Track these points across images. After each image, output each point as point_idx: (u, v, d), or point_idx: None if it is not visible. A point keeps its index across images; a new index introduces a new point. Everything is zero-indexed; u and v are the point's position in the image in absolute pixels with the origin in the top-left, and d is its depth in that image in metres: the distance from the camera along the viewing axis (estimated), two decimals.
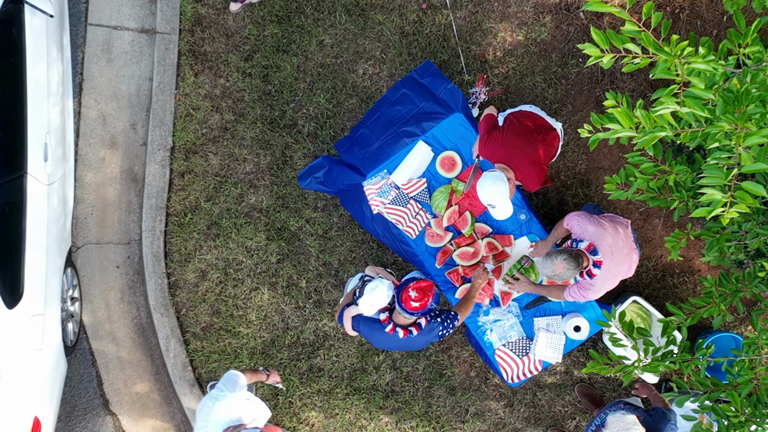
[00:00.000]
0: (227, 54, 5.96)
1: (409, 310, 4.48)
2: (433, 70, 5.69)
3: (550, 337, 5.47)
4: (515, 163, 4.89)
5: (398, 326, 4.66)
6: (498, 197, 4.78)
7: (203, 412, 4.48)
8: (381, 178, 5.51)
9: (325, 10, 5.93)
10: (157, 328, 6.03)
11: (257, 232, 6.00)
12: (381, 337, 4.77)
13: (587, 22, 5.88)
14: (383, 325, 4.70)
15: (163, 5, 5.97)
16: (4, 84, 5.29)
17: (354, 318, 4.88)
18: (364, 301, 4.62)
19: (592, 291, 4.87)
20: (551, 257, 4.64)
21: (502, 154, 4.91)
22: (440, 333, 4.73)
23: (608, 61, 3.15)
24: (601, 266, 4.75)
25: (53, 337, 5.62)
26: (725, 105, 3.06)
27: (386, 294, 4.60)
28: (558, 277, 4.64)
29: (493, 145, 4.94)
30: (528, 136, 4.92)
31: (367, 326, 4.80)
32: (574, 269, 4.66)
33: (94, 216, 6.07)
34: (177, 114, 5.99)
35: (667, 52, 3.05)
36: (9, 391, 5.30)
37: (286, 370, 6.04)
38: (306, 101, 5.96)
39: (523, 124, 4.99)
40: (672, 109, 3.03)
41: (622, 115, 3.13)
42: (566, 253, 4.64)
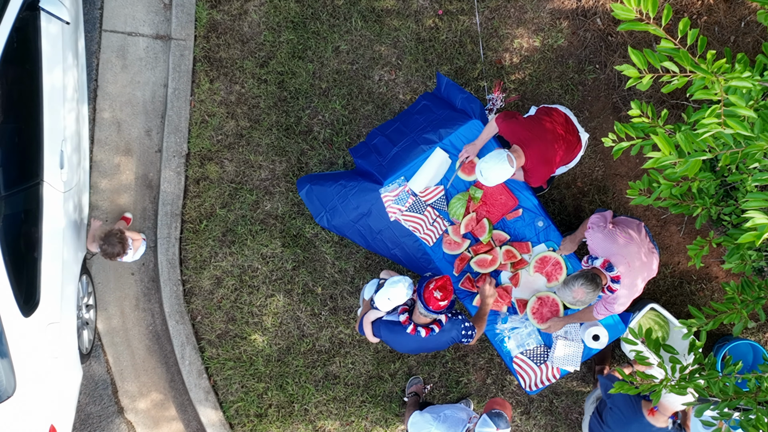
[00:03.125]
0: (242, 60, 5.94)
1: (435, 309, 4.48)
2: (447, 81, 5.66)
3: (568, 345, 5.44)
4: (531, 151, 4.85)
5: (419, 326, 4.65)
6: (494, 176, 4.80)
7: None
8: (398, 185, 5.48)
9: (341, 16, 5.91)
10: (172, 335, 6.01)
11: (273, 239, 5.98)
12: (404, 339, 4.75)
13: (604, 28, 5.85)
14: (404, 327, 4.69)
15: (178, 11, 5.95)
16: (20, 91, 5.28)
17: (374, 323, 4.86)
18: (382, 294, 4.62)
19: (618, 304, 4.85)
20: (569, 285, 4.64)
21: (523, 137, 4.86)
22: (463, 335, 4.72)
23: (647, 83, 3.11)
24: (620, 281, 4.73)
25: (69, 344, 5.60)
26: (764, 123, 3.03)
27: (405, 290, 4.60)
28: (580, 302, 4.63)
29: (518, 125, 4.88)
30: (553, 135, 4.89)
31: (388, 330, 4.78)
32: (593, 291, 4.65)
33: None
34: (192, 120, 5.97)
35: (704, 69, 3.00)
36: (25, 399, 5.29)
37: (302, 377, 6.02)
38: (321, 107, 5.94)
39: (554, 122, 4.96)
40: (715, 131, 2.98)
41: (662, 141, 3.08)
42: (582, 277, 4.63)
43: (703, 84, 3.04)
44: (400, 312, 4.75)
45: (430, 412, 4.79)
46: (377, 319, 4.84)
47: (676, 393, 3.84)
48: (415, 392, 5.69)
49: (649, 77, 3.10)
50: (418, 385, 5.37)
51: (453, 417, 4.68)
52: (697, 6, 5.80)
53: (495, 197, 5.46)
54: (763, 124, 3.03)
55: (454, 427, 4.61)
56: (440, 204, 5.49)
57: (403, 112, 5.79)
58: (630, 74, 3.10)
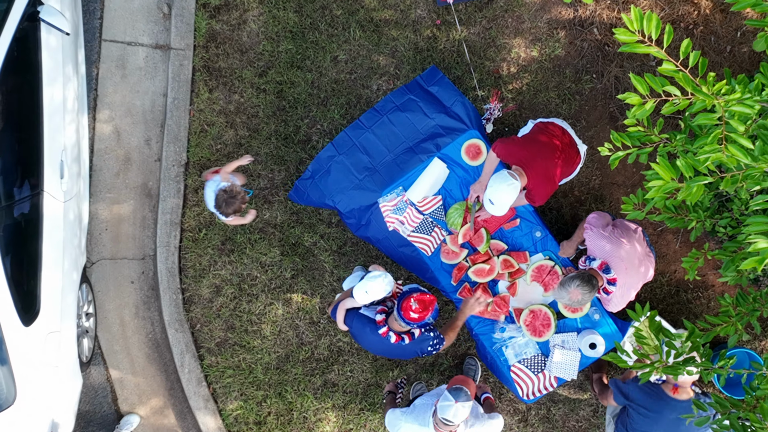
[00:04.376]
0: (242, 70, 5.97)
1: (407, 319, 4.51)
2: (440, 77, 5.69)
3: (566, 353, 5.47)
4: (531, 171, 4.88)
5: (392, 331, 4.68)
6: (504, 198, 4.78)
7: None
8: (396, 195, 5.51)
9: (339, 26, 5.94)
10: (172, 343, 6.04)
11: (271, 248, 6.01)
12: (372, 338, 4.78)
13: (601, 38, 5.88)
14: (377, 327, 4.72)
15: (177, 21, 5.98)
16: (20, 102, 5.31)
17: (348, 312, 4.88)
18: (360, 285, 4.65)
19: (612, 304, 4.94)
20: (565, 286, 4.68)
21: (521, 157, 4.89)
22: (429, 349, 4.75)
23: (650, 108, 3.14)
24: (616, 283, 4.78)
25: (69, 353, 5.63)
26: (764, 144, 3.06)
27: (384, 286, 4.63)
28: (576, 303, 4.67)
29: (515, 146, 4.93)
30: (552, 151, 4.93)
31: (360, 323, 4.80)
32: (589, 292, 4.70)
33: (109, 231, 6.08)
34: (191, 130, 6.00)
35: (705, 93, 3.03)
36: (26, 408, 5.33)
37: (301, 385, 6.05)
38: (320, 117, 5.97)
39: (551, 137, 5.00)
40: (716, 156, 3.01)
41: (663, 168, 3.11)
42: (579, 278, 4.68)
43: (704, 106, 3.07)
44: (378, 311, 4.78)
45: (402, 410, 4.84)
46: (353, 308, 4.87)
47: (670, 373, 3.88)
48: (390, 390, 5.69)
49: (652, 102, 3.13)
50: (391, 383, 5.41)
51: (421, 405, 4.72)
52: (693, 16, 5.83)
53: None
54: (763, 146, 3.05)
55: (422, 414, 4.64)
56: (438, 214, 5.52)
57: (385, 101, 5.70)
58: (633, 102, 3.12)
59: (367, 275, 4.67)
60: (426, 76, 5.73)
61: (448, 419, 4.43)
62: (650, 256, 5.08)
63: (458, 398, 4.42)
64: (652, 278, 5.09)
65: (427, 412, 4.66)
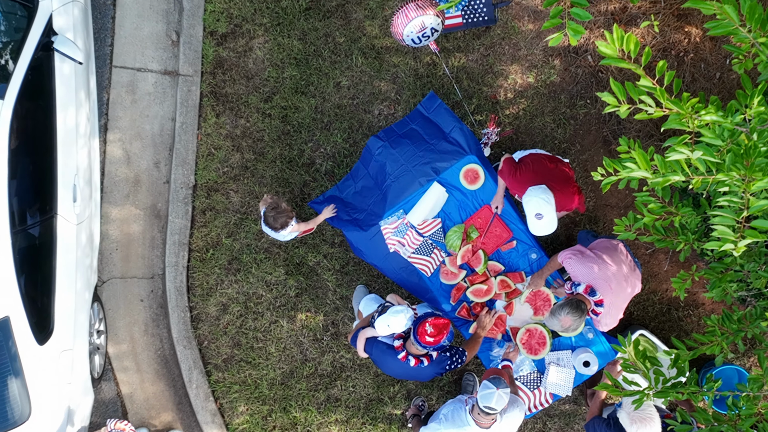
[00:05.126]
0: (247, 95, 6.18)
1: (423, 343, 4.71)
2: (439, 104, 5.90)
3: (561, 371, 5.68)
4: (551, 183, 5.04)
5: (411, 355, 4.89)
6: (546, 206, 4.88)
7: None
8: (397, 218, 5.72)
9: (342, 53, 6.15)
10: (180, 359, 6.25)
11: (276, 267, 6.21)
12: (392, 363, 4.98)
13: (594, 65, 6.09)
14: (396, 352, 4.92)
15: (185, 48, 6.19)
16: (35, 128, 5.51)
17: (368, 340, 5.09)
18: (382, 320, 4.85)
19: (602, 324, 5.12)
20: (556, 315, 4.86)
21: (534, 179, 5.06)
22: (447, 367, 4.96)
23: (624, 111, 3.37)
24: (603, 304, 4.97)
25: (81, 370, 5.84)
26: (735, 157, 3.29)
27: (405, 321, 4.84)
28: (569, 330, 4.86)
29: (525, 174, 5.10)
30: (551, 163, 5.13)
31: (379, 350, 5.01)
32: (579, 318, 4.87)
33: (119, 251, 6.29)
34: (199, 153, 6.21)
35: (680, 105, 3.28)
36: (40, 423, 5.53)
37: (305, 400, 6.26)
38: (323, 141, 6.18)
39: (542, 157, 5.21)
40: (684, 155, 3.25)
41: (640, 157, 3.35)
42: (568, 306, 4.85)
43: (678, 118, 3.31)
44: (396, 337, 4.99)
45: (432, 421, 5.05)
46: (373, 336, 5.08)
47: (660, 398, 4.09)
48: (414, 414, 5.92)
49: (626, 107, 3.36)
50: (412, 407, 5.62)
51: (452, 411, 4.93)
52: (683, 44, 6.04)
53: (490, 230, 5.69)
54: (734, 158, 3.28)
55: (457, 417, 4.85)
56: (438, 236, 5.73)
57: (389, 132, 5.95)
58: (609, 101, 3.36)
59: (390, 309, 4.87)
60: (426, 102, 5.94)
61: (492, 406, 4.61)
62: (636, 271, 5.24)
63: (499, 386, 4.63)
64: (639, 291, 5.27)
65: (461, 414, 4.86)
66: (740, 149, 3.27)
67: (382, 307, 5.07)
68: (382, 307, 5.08)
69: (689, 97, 3.28)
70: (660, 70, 3.32)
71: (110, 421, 5.72)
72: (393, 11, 5.83)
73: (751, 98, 3.42)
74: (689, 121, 3.26)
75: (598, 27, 6.06)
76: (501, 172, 5.28)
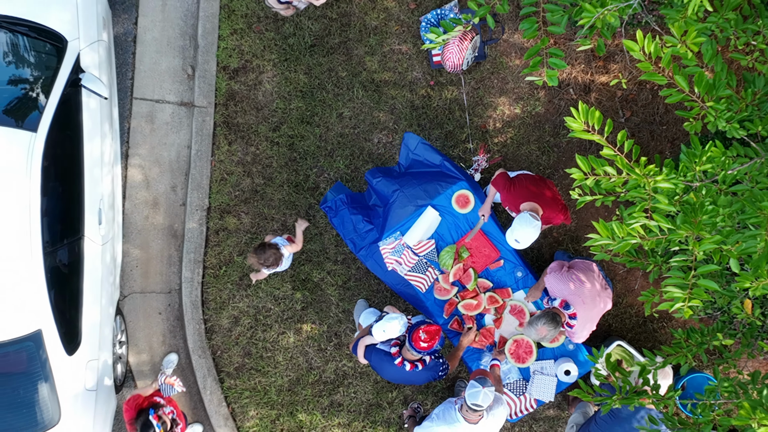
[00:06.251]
0: (257, 125, 6.73)
1: (417, 348, 5.26)
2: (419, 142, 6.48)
3: (544, 379, 6.22)
4: (541, 199, 5.60)
5: (406, 360, 5.43)
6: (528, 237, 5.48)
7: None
8: (395, 239, 6.27)
9: (344, 86, 6.70)
10: (195, 368, 6.78)
11: (284, 283, 6.75)
12: (389, 368, 5.52)
13: (576, 97, 6.64)
14: (393, 358, 5.46)
15: (200, 81, 6.73)
16: (65, 157, 6.04)
17: (367, 348, 5.64)
18: (379, 326, 5.39)
19: (576, 336, 5.65)
20: (533, 324, 5.42)
21: (528, 195, 5.61)
22: (440, 374, 5.50)
23: (591, 183, 3.89)
24: (576, 317, 5.52)
25: (105, 378, 6.37)
26: (684, 216, 3.82)
27: (399, 327, 5.37)
28: (545, 338, 5.41)
29: (519, 189, 5.65)
30: (541, 183, 5.69)
31: (378, 357, 5.55)
32: (554, 328, 5.43)
33: (139, 268, 6.83)
34: (213, 178, 6.76)
35: (637, 173, 3.80)
36: (69, 427, 6.05)
37: (310, 405, 6.80)
38: (327, 167, 6.72)
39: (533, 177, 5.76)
40: (642, 222, 3.78)
41: (602, 228, 3.86)
42: (544, 317, 5.41)
43: (636, 183, 3.84)
44: (392, 344, 5.53)
45: (426, 420, 5.59)
46: (372, 344, 5.62)
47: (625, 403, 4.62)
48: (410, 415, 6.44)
49: (592, 179, 3.88)
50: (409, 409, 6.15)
51: (443, 410, 5.45)
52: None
53: (480, 250, 6.24)
54: (684, 217, 3.81)
55: (447, 415, 5.38)
56: (432, 255, 6.28)
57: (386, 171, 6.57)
58: (576, 176, 3.88)
59: (385, 317, 5.41)
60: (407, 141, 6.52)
61: (478, 403, 5.14)
62: (607, 290, 5.79)
63: (484, 384, 5.16)
64: (610, 307, 5.81)
65: (451, 412, 5.39)
66: (689, 207, 3.80)
67: (379, 317, 5.61)
68: (379, 317, 5.63)
69: (646, 163, 3.81)
70: (620, 140, 3.85)
71: (161, 375, 6.13)
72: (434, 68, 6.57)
73: (700, 157, 3.96)
74: (646, 185, 3.78)
75: (579, 63, 6.61)
76: (495, 183, 5.77)
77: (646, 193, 3.82)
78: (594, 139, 3.78)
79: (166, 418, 5.85)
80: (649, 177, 3.81)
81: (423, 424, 5.59)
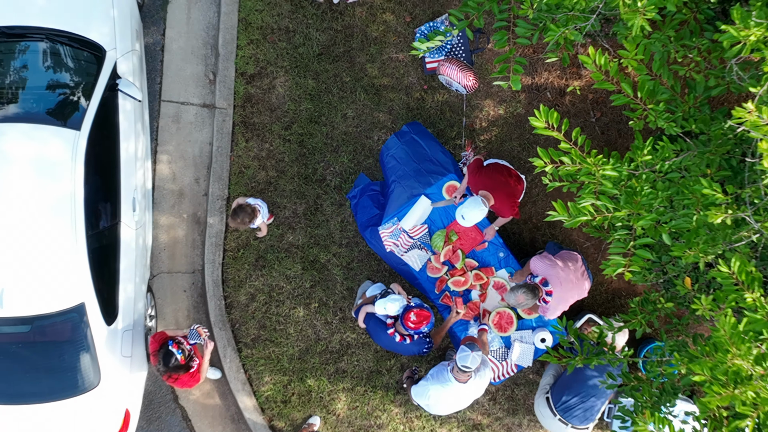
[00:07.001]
0: (271, 124, 7.61)
1: (406, 326, 6.15)
2: (422, 129, 7.34)
3: (523, 346, 7.11)
4: (496, 192, 6.50)
5: (397, 332, 6.31)
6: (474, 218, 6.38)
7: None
8: (392, 224, 7.15)
9: (348, 90, 7.58)
10: (216, 339, 7.67)
11: (294, 264, 7.64)
12: (382, 336, 6.42)
13: (552, 100, 7.53)
14: (387, 328, 6.36)
15: (220, 86, 7.62)
16: (104, 153, 6.90)
17: (367, 314, 6.54)
18: (381, 302, 6.29)
19: (549, 311, 6.54)
20: (514, 291, 6.32)
21: (488, 185, 6.51)
22: (424, 350, 6.40)
23: (550, 169, 4.77)
24: (552, 294, 6.41)
25: (139, 346, 7.24)
26: (627, 197, 4.70)
27: (398, 308, 6.26)
28: (522, 305, 6.31)
29: (482, 177, 6.56)
30: (506, 177, 6.58)
31: (375, 324, 6.45)
32: (532, 298, 6.33)
33: (167, 251, 7.71)
34: (232, 171, 7.64)
35: (588, 163, 4.68)
36: (108, 388, 6.91)
37: (318, 372, 7.69)
38: (333, 161, 7.61)
39: (502, 170, 6.65)
40: (591, 202, 4.65)
41: (559, 206, 4.74)
42: (524, 287, 6.32)
43: (588, 171, 4.72)
44: (389, 316, 6.41)
45: (422, 380, 6.47)
46: (371, 312, 6.49)
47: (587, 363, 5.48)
48: (408, 376, 7.30)
49: (552, 166, 4.76)
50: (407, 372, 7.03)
51: (437, 371, 6.34)
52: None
53: (467, 233, 7.14)
54: (627, 198, 4.69)
55: (440, 375, 6.26)
56: (425, 238, 7.17)
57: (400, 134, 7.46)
58: (537, 164, 4.75)
59: (389, 296, 6.29)
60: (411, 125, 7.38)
61: (467, 365, 6.02)
62: (587, 280, 6.68)
63: (473, 349, 6.04)
64: (586, 295, 6.70)
65: (444, 373, 6.27)
66: (631, 191, 4.67)
67: (384, 292, 6.49)
68: (385, 291, 6.51)
69: (596, 154, 4.68)
70: (575, 135, 4.72)
71: (194, 326, 6.88)
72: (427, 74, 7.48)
73: (642, 149, 4.83)
74: (595, 173, 4.64)
75: (555, 69, 7.50)
76: (468, 167, 6.69)
77: (596, 179, 4.71)
78: (553, 134, 4.65)
79: (185, 347, 6.62)
80: (598, 166, 4.69)
81: (419, 383, 6.48)
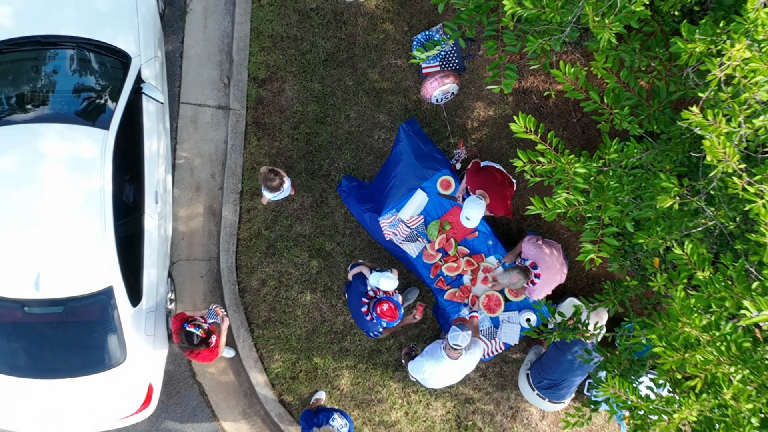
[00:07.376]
0: (281, 124, 8.32)
1: (375, 313, 6.91)
2: (418, 128, 8.04)
3: (510, 326, 7.83)
4: (492, 192, 7.24)
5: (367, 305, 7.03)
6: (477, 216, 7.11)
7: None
8: (391, 215, 7.87)
9: (351, 92, 8.29)
10: (231, 320, 8.38)
11: (302, 252, 8.35)
12: (355, 301, 7.12)
13: (538, 102, 8.24)
14: (361, 296, 7.09)
15: (234, 89, 8.32)
16: (130, 150, 7.59)
17: (355, 276, 7.23)
18: (378, 275, 6.99)
19: (535, 293, 7.27)
20: (509, 272, 7.04)
21: (484, 185, 7.26)
22: (371, 334, 7.15)
23: (529, 168, 5.47)
24: (540, 277, 7.14)
25: (161, 326, 7.94)
26: (596, 191, 5.41)
27: (388, 286, 6.95)
28: (515, 284, 7.03)
29: (480, 178, 7.30)
30: (501, 179, 7.31)
31: (356, 285, 7.15)
32: (523, 279, 7.06)
33: (185, 240, 8.43)
34: (245, 167, 8.35)
35: (561, 161, 5.38)
36: (132, 364, 7.61)
37: (323, 350, 8.40)
38: (337, 158, 8.32)
39: (497, 172, 7.39)
40: (564, 196, 5.35)
41: (536, 201, 5.45)
42: (518, 268, 7.05)
43: (561, 168, 5.42)
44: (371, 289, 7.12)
45: (418, 357, 7.17)
46: (363, 275, 7.17)
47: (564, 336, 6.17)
48: (406, 353, 8.02)
49: (530, 165, 5.46)
50: (405, 348, 7.75)
51: (431, 348, 7.05)
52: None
53: (460, 223, 7.85)
54: (596, 192, 5.40)
55: (434, 352, 6.97)
56: (421, 228, 7.89)
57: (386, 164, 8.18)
58: (518, 164, 5.46)
59: (387, 273, 6.99)
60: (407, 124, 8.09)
61: (458, 344, 6.72)
62: (564, 266, 7.42)
63: (463, 329, 6.75)
64: (563, 281, 7.43)
65: (437, 350, 6.97)
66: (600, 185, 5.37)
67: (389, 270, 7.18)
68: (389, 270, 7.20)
69: (569, 153, 5.38)
70: (550, 137, 5.42)
71: (213, 306, 7.53)
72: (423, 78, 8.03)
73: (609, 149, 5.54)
74: (568, 170, 5.34)
75: (540, 74, 8.21)
76: (468, 169, 7.41)
77: (568, 175, 5.42)
78: (530, 137, 5.36)
79: (203, 325, 7.27)
80: (570, 164, 5.40)
81: (416, 359, 7.19)
